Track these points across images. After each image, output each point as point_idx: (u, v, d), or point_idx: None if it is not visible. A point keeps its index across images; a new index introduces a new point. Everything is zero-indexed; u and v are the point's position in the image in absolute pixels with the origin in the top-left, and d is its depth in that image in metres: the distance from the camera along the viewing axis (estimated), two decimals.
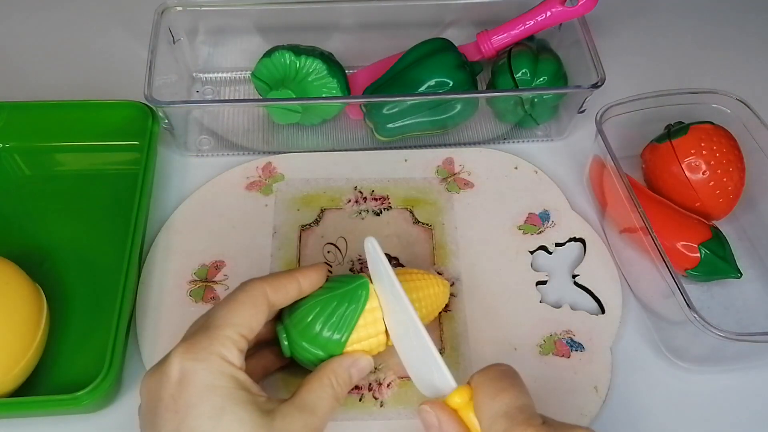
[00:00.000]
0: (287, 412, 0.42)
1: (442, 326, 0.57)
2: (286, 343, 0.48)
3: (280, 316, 0.49)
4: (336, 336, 0.47)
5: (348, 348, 0.48)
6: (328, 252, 0.60)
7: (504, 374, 0.42)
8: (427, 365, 0.45)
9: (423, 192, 0.65)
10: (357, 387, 0.53)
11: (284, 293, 0.46)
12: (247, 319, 0.43)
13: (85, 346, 0.55)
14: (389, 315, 0.48)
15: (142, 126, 0.63)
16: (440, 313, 0.57)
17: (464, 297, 0.58)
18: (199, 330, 0.42)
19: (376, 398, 0.53)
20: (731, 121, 0.62)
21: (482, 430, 0.40)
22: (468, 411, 0.42)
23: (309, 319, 0.47)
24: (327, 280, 0.49)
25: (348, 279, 0.49)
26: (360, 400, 0.53)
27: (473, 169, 0.66)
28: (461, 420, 0.42)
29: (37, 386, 0.53)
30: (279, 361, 0.52)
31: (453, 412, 0.42)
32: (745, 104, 0.62)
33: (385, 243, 0.61)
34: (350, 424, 0.52)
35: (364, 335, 0.48)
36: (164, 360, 0.41)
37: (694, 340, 0.52)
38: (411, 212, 0.63)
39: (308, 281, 0.47)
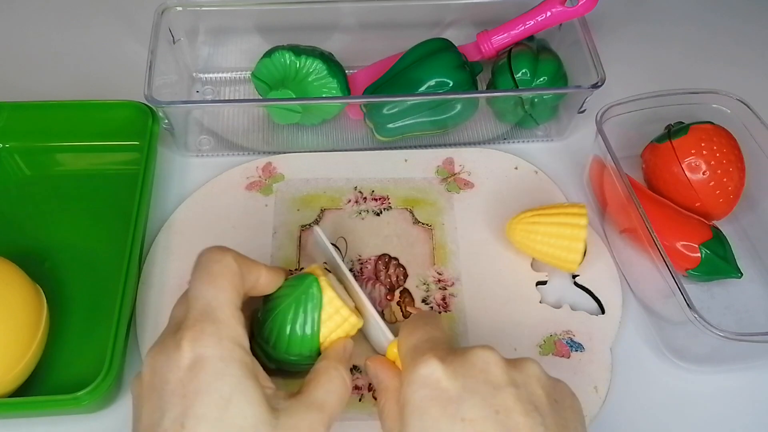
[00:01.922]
0: (294, 410, 0.42)
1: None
2: (268, 361, 0.48)
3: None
4: (308, 331, 0.47)
5: (323, 340, 0.48)
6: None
7: (420, 317, 0.47)
8: (375, 328, 0.49)
9: (423, 192, 0.65)
10: (357, 387, 0.53)
11: (248, 268, 0.46)
12: (234, 291, 0.43)
13: (85, 346, 0.55)
14: (352, 295, 0.51)
15: (142, 126, 0.63)
16: (440, 313, 0.57)
17: (464, 297, 0.58)
18: (198, 314, 0.41)
19: (375, 398, 0.53)
20: (731, 121, 0.62)
21: (401, 366, 0.44)
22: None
23: (276, 331, 0.48)
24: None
25: (297, 281, 0.49)
26: (360, 400, 0.53)
27: (473, 169, 0.66)
28: (397, 367, 0.46)
29: (37, 386, 0.53)
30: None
31: (389, 362, 0.47)
32: (745, 104, 0.62)
33: (385, 243, 0.61)
34: (350, 424, 0.52)
35: (333, 326, 0.48)
36: (174, 345, 0.40)
37: (695, 340, 0.52)
38: (411, 212, 0.63)
39: (266, 278, 0.47)
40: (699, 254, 0.57)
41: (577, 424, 0.42)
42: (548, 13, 0.66)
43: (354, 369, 0.54)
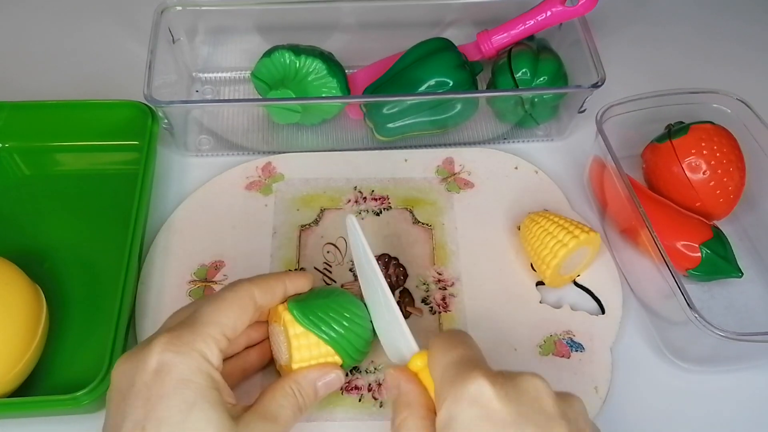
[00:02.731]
0: (249, 420, 0.42)
1: (442, 326, 0.57)
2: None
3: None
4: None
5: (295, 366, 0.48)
6: (328, 252, 0.60)
7: (456, 334, 0.45)
8: (395, 334, 0.47)
9: (423, 192, 0.65)
10: (356, 387, 0.53)
11: (271, 295, 0.47)
12: (232, 320, 0.44)
13: (85, 346, 0.55)
14: (368, 290, 0.50)
15: (141, 126, 0.62)
16: (440, 313, 0.57)
17: (464, 297, 0.58)
18: (184, 324, 0.42)
19: (375, 398, 0.53)
20: (731, 121, 0.62)
21: (435, 382, 0.42)
22: (427, 373, 0.44)
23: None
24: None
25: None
26: (359, 400, 0.53)
27: (473, 169, 0.66)
28: (421, 381, 0.44)
29: (36, 386, 0.53)
30: (260, 364, 0.52)
31: (413, 375, 0.45)
32: (745, 104, 0.62)
33: (385, 243, 0.61)
34: (350, 424, 0.52)
35: (306, 356, 0.48)
36: (143, 348, 0.41)
37: (695, 340, 0.52)
38: (411, 212, 0.63)
39: (294, 286, 0.49)
40: (699, 254, 0.57)
41: None
42: (548, 13, 0.66)
43: (354, 369, 0.54)
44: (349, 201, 0.64)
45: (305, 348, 0.48)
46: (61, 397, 0.48)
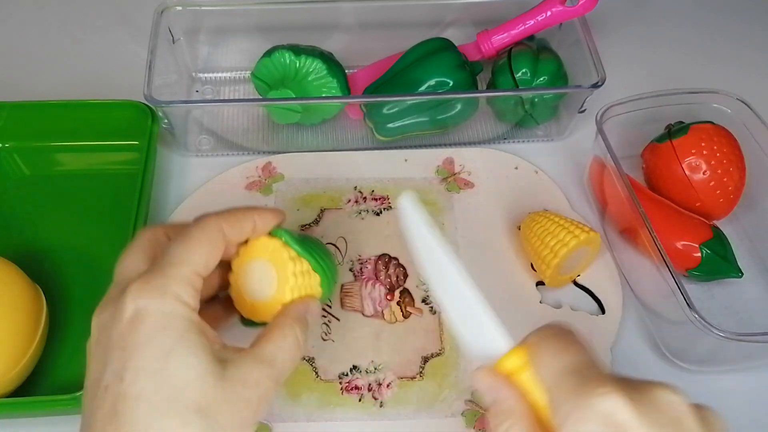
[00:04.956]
0: (243, 362, 0.39)
1: (442, 327, 0.57)
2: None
3: None
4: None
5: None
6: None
7: (562, 332, 0.39)
8: (475, 328, 0.42)
9: (423, 192, 0.65)
10: (356, 387, 0.54)
11: (239, 230, 0.44)
12: (203, 257, 0.41)
13: (85, 346, 0.55)
14: (435, 277, 0.44)
15: (141, 126, 0.62)
16: (440, 314, 0.57)
17: None
18: (154, 267, 0.40)
19: (375, 398, 0.53)
20: (731, 121, 0.62)
21: (547, 389, 0.37)
22: (522, 373, 0.38)
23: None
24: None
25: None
26: (360, 400, 0.53)
27: (473, 169, 0.66)
28: (516, 383, 0.39)
29: (36, 386, 0.53)
30: (227, 316, 0.49)
31: (505, 378, 0.39)
32: (745, 104, 0.62)
33: (384, 243, 0.61)
34: (350, 424, 0.52)
35: (300, 283, 0.45)
36: (117, 297, 0.39)
37: (695, 341, 0.52)
38: None
39: (263, 221, 0.45)
40: (699, 254, 0.57)
41: None
42: (548, 13, 0.66)
43: (354, 369, 0.54)
44: (349, 201, 0.64)
45: (300, 275, 0.45)
46: (61, 397, 0.48)
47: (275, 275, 0.45)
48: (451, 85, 0.64)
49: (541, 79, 0.65)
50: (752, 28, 0.82)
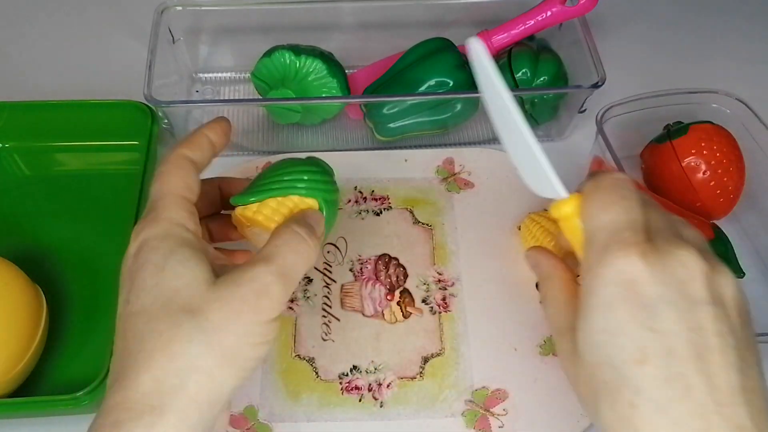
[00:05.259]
0: (240, 266, 0.40)
1: (443, 326, 0.57)
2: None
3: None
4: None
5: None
6: (328, 252, 0.60)
7: (616, 185, 0.40)
8: (537, 172, 0.42)
9: (423, 192, 0.65)
10: (357, 387, 0.54)
11: (198, 146, 0.45)
12: (180, 182, 0.43)
13: (85, 346, 0.55)
14: (502, 123, 0.44)
15: (141, 126, 0.63)
16: (440, 313, 0.57)
17: (464, 297, 0.58)
18: (144, 211, 0.43)
19: (375, 398, 0.53)
20: (730, 121, 0.62)
21: (584, 239, 0.39)
22: (575, 219, 0.40)
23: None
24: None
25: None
26: (360, 400, 0.53)
27: (474, 169, 0.66)
28: (568, 228, 0.41)
29: (36, 387, 0.53)
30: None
31: (550, 253, 0.45)
32: (744, 104, 0.62)
33: (384, 243, 0.61)
34: (350, 424, 0.52)
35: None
36: (129, 241, 0.42)
37: None
38: (411, 212, 0.63)
39: (214, 133, 0.47)
40: None
41: (756, 345, 0.39)
42: (548, 13, 0.66)
43: (354, 369, 0.54)
44: (349, 201, 0.64)
45: (275, 214, 0.45)
46: (61, 397, 0.48)
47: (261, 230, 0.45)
48: (451, 85, 0.64)
49: (541, 79, 0.65)
50: (752, 28, 0.82)
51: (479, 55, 0.41)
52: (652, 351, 0.36)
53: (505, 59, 0.66)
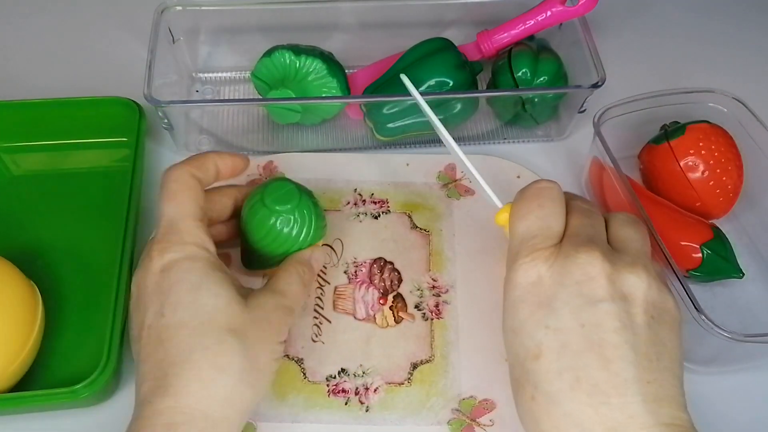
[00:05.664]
0: (260, 293, 0.47)
1: (434, 333, 0.56)
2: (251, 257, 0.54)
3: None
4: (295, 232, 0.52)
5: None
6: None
7: (537, 194, 0.46)
8: (478, 185, 0.50)
9: (423, 197, 0.64)
10: (344, 391, 0.53)
11: (205, 171, 0.50)
12: (193, 203, 0.47)
13: (83, 341, 0.56)
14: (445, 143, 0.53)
15: (129, 122, 0.63)
16: (432, 320, 0.57)
17: (458, 305, 0.58)
18: (162, 231, 0.46)
19: (362, 402, 0.53)
20: (728, 120, 0.62)
21: (509, 247, 0.45)
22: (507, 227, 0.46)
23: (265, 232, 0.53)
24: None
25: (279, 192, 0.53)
26: (346, 404, 0.53)
27: None
28: (506, 235, 0.47)
29: (35, 382, 0.53)
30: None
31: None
32: (741, 103, 0.61)
33: (381, 247, 0.61)
34: (335, 427, 0.52)
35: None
36: (145, 260, 0.46)
37: (701, 342, 0.52)
38: (409, 217, 0.63)
39: (223, 162, 0.52)
40: (700, 254, 0.57)
41: (673, 343, 0.41)
42: (548, 13, 0.66)
43: (342, 372, 0.54)
44: (348, 203, 0.64)
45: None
46: (60, 390, 0.48)
47: None
48: (451, 85, 0.64)
49: (541, 79, 0.65)
50: (751, 27, 0.82)
51: (409, 86, 0.52)
52: (546, 347, 0.39)
53: (505, 59, 0.66)
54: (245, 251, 0.55)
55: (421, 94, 0.63)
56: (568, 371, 0.39)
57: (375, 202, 0.64)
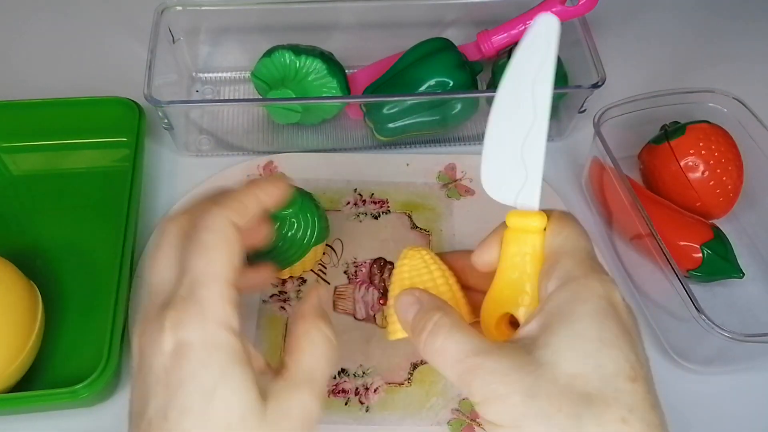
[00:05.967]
0: (283, 392, 0.38)
1: None
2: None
3: None
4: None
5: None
6: (324, 253, 0.60)
7: (576, 220, 0.40)
8: (518, 176, 0.41)
9: (423, 197, 0.64)
10: (344, 391, 0.53)
11: (246, 213, 0.40)
12: (228, 264, 0.38)
13: (83, 340, 0.56)
14: (507, 108, 0.41)
15: (129, 122, 0.63)
16: None
17: None
18: (184, 293, 0.37)
19: (362, 403, 0.53)
20: (727, 120, 0.62)
21: (556, 257, 0.38)
22: (539, 233, 0.39)
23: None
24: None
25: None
26: (346, 404, 0.53)
27: (475, 176, 0.65)
28: (524, 240, 0.41)
29: (35, 383, 0.53)
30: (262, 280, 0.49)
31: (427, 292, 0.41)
32: (741, 103, 0.62)
33: (381, 247, 0.61)
34: (335, 428, 0.52)
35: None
36: (157, 327, 0.37)
37: (701, 342, 0.52)
38: (409, 217, 0.63)
39: (266, 194, 0.42)
40: (701, 254, 0.57)
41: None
42: None
43: (342, 372, 0.54)
44: (348, 203, 0.64)
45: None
46: (60, 390, 0.48)
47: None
48: (451, 85, 0.64)
49: None
50: (750, 27, 0.82)
51: (551, 34, 0.37)
52: (639, 374, 0.37)
53: (505, 59, 0.66)
54: (250, 255, 0.54)
55: (422, 93, 0.64)
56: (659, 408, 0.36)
57: (375, 202, 0.64)
